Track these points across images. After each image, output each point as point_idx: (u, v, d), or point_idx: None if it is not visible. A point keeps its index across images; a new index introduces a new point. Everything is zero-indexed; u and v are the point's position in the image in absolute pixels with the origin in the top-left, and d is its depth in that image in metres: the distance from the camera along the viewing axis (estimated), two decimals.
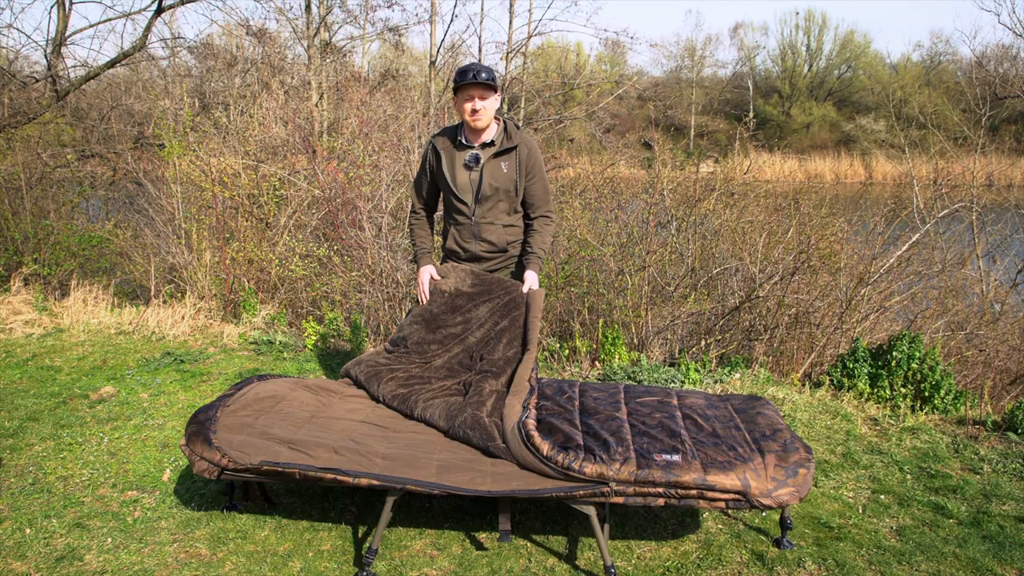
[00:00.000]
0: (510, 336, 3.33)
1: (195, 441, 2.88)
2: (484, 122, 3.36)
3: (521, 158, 3.41)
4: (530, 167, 3.43)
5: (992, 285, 7.33)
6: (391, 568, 2.79)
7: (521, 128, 3.49)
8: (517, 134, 3.43)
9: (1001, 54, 23.73)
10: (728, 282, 6.24)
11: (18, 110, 8.86)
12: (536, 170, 3.45)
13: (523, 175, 3.43)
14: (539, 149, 3.51)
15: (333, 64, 14.61)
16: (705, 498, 2.61)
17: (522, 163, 3.41)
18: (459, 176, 3.45)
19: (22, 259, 7.03)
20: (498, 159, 3.41)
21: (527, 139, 3.46)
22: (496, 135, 3.42)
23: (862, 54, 34.58)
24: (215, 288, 6.58)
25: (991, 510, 3.29)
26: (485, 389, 3.11)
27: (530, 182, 3.45)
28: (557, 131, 14.50)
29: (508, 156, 3.41)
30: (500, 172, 3.40)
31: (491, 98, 3.34)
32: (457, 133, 3.48)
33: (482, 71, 3.30)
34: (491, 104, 3.35)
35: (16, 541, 2.93)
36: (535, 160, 3.44)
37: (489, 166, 3.40)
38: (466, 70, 3.30)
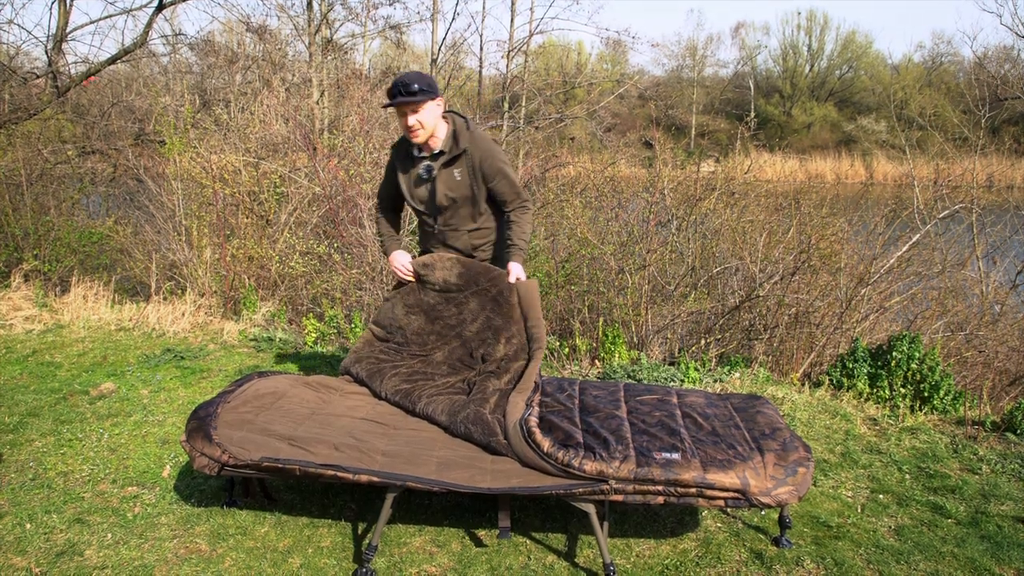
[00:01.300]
0: (507, 334, 3.30)
1: (195, 437, 2.89)
2: (424, 136, 3.18)
3: (473, 163, 3.22)
4: (486, 169, 3.23)
5: (992, 286, 7.33)
6: (391, 564, 2.80)
7: (473, 127, 3.25)
8: (466, 136, 3.21)
9: (1002, 55, 23.72)
10: (728, 281, 6.25)
11: (19, 106, 8.85)
12: (493, 170, 3.24)
13: (479, 179, 3.25)
14: (493, 143, 3.30)
15: (334, 61, 14.60)
16: (704, 496, 2.62)
17: (475, 168, 3.23)
18: (415, 189, 3.33)
19: (22, 255, 7.03)
20: (450, 168, 3.24)
21: (478, 139, 3.24)
22: (445, 142, 3.23)
23: (863, 54, 34.56)
24: (215, 285, 6.59)
25: (989, 510, 3.30)
26: (488, 388, 3.12)
27: (492, 183, 3.27)
28: (558, 130, 14.50)
29: (459, 163, 3.23)
30: (454, 181, 3.24)
31: (426, 108, 3.12)
32: (410, 143, 3.29)
33: (411, 82, 3.06)
34: (428, 114, 3.14)
35: (16, 536, 2.93)
36: (489, 160, 3.23)
37: (442, 176, 3.25)
38: (393, 86, 3.09)
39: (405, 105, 3.09)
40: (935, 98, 24.19)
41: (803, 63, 34.91)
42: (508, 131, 13.64)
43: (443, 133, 3.24)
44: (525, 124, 14.19)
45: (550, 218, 7.07)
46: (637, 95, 26.76)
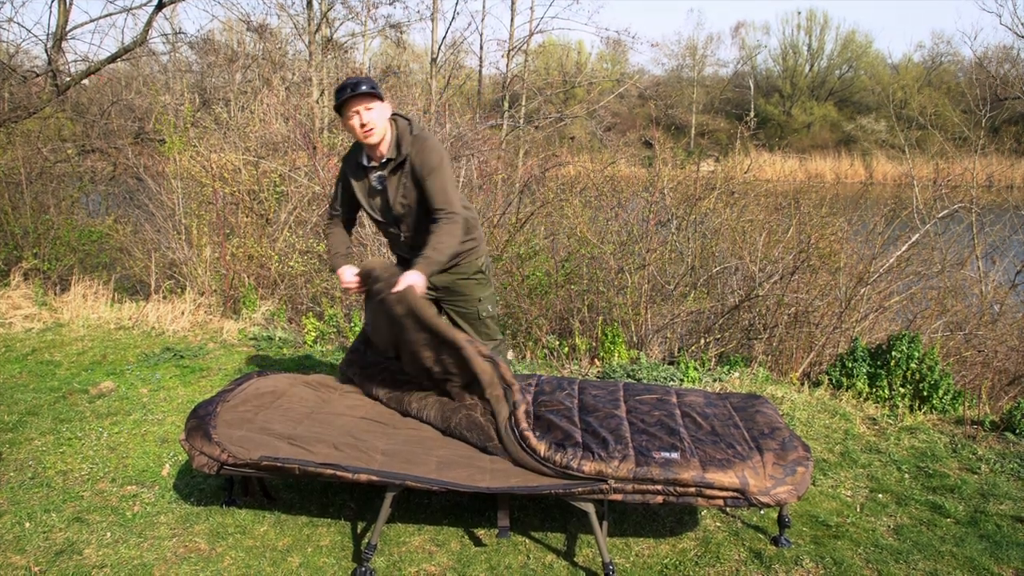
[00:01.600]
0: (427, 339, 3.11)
1: (195, 436, 2.89)
2: (378, 135, 3.08)
3: (414, 165, 3.12)
4: (420, 167, 3.10)
5: (991, 286, 7.33)
6: (390, 564, 2.80)
7: (417, 129, 3.15)
8: (408, 140, 3.12)
9: (1002, 55, 23.69)
10: (728, 281, 6.25)
11: (18, 105, 8.85)
12: (426, 168, 3.10)
13: (417, 177, 3.13)
14: (434, 144, 3.15)
15: (334, 60, 14.59)
16: (704, 496, 2.62)
17: (415, 168, 3.12)
18: (371, 201, 3.27)
19: (22, 254, 7.03)
20: (397, 174, 3.15)
21: (419, 140, 3.13)
22: (390, 149, 3.15)
23: (863, 54, 34.55)
24: (215, 284, 6.59)
25: (988, 510, 3.30)
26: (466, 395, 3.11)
27: (422, 181, 3.12)
28: (558, 129, 14.51)
29: (404, 168, 3.15)
30: (404, 187, 3.16)
31: (376, 107, 3.04)
32: (359, 155, 3.22)
33: (361, 83, 3.00)
34: (379, 114, 3.06)
35: (15, 535, 2.93)
36: (424, 158, 3.10)
37: (392, 184, 3.17)
38: (343, 86, 3.03)
39: (357, 102, 3.01)
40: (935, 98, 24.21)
41: (803, 63, 34.89)
42: (508, 130, 13.64)
43: (388, 138, 3.16)
44: (525, 123, 14.19)
45: (550, 217, 7.07)
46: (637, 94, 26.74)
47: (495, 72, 16.50)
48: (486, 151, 8.23)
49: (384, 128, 3.12)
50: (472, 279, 3.41)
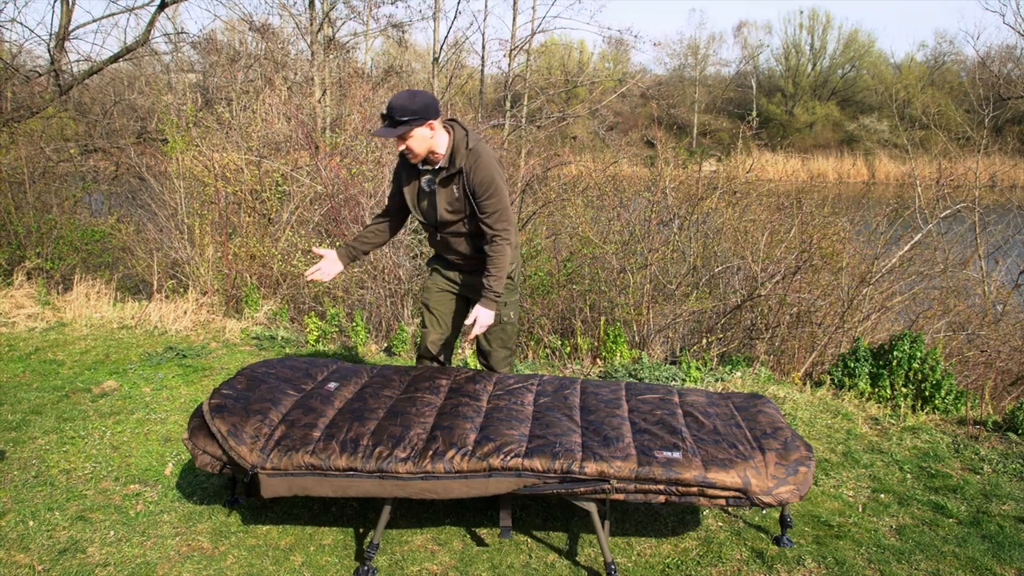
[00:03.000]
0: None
1: (198, 435, 2.89)
2: (419, 157, 3.15)
3: (468, 180, 3.17)
4: (474, 185, 3.16)
5: (994, 286, 7.33)
6: (392, 563, 2.81)
7: (473, 142, 3.18)
8: (463, 155, 3.15)
9: (1005, 55, 23.67)
10: (730, 281, 6.25)
11: (21, 104, 8.87)
12: (481, 186, 3.15)
13: (470, 191, 3.20)
14: (491, 160, 3.20)
15: (336, 60, 14.60)
16: (706, 495, 2.62)
17: (467, 185, 3.18)
18: (418, 200, 3.32)
19: (25, 253, 7.04)
20: (449, 185, 3.22)
21: (475, 155, 3.16)
22: (444, 159, 3.19)
23: (866, 53, 34.50)
24: (217, 283, 6.60)
25: (991, 510, 3.30)
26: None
27: (476, 199, 3.19)
28: (560, 129, 14.50)
29: (456, 180, 3.20)
30: (452, 196, 3.22)
31: (414, 135, 3.07)
32: None
33: (395, 111, 3.01)
34: (418, 141, 3.09)
35: (19, 533, 2.94)
36: (480, 177, 3.15)
37: (442, 193, 3.23)
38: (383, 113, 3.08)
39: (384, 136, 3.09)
40: (938, 97, 24.17)
41: (805, 62, 34.85)
42: (510, 130, 13.64)
43: (444, 147, 3.18)
44: (527, 123, 14.19)
45: (552, 217, 7.08)
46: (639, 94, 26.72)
47: (497, 71, 16.52)
48: None
49: (426, 149, 3.14)
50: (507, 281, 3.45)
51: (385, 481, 2.67)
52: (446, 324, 3.57)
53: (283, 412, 3.00)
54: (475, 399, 3.13)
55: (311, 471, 2.69)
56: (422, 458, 2.69)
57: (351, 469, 2.68)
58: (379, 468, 2.68)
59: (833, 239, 6.35)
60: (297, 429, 2.85)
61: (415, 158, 3.16)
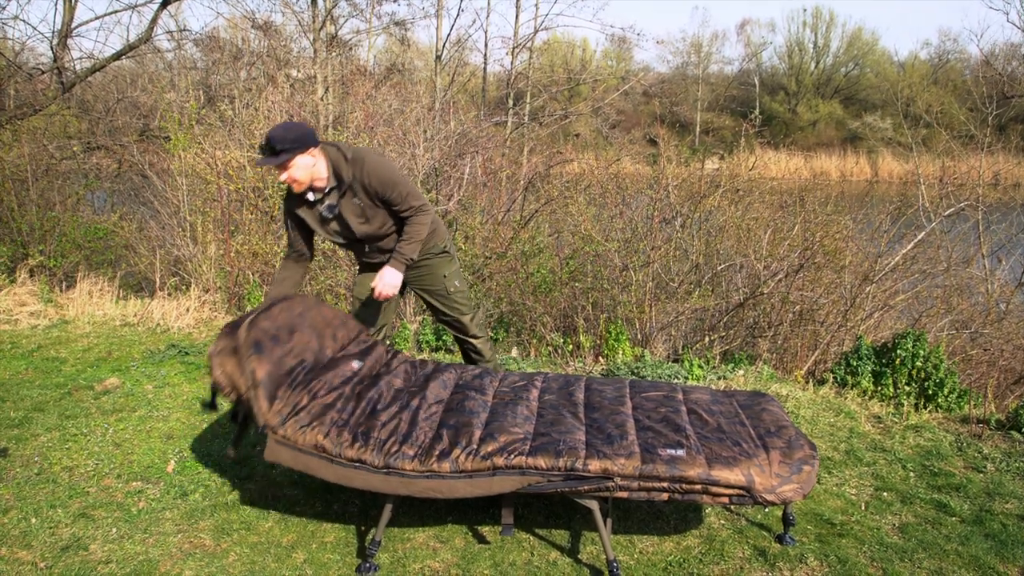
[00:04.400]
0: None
1: (226, 357, 2.82)
2: (303, 184, 3.21)
3: (364, 186, 3.25)
4: (375, 188, 3.25)
5: (997, 284, 7.31)
6: (394, 560, 2.81)
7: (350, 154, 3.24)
8: (346, 167, 3.23)
9: (1009, 53, 23.63)
10: (732, 279, 6.24)
11: (24, 102, 8.88)
12: (382, 185, 3.25)
13: (373, 195, 3.28)
14: (377, 157, 3.31)
15: (339, 58, 14.60)
16: (709, 493, 2.61)
17: (367, 189, 3.26)
18: (328, 228, 3.37)
19: (28, 250, 7.05)
20: (346, 198, 3.29)
21: (358, 164, 3.24)
22: (329, 179, 3.26)
23: (869, 52, 34.43)
24: (220, 281, 6.60)
25: (994, 508, 3.29)
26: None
27: (384, 197, 3.28)
28: (563, 127, 14.49)
29: (351, 191, 3.28)
30: (358, 208, 3.30)
31: (295, 164, 3.13)
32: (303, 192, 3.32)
33: (275, 141, 3.06)
34: (300, 169, 3.16)
35: (22, 530, 2.94)
36: (375, 179, 3.24)
37: (344, 207, 3.30)
38: (261, 145, 3.13)
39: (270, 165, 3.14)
40: (941, 96, 24.08)
41: (808, 60, 34.78)
42: (512, 128, 13.64)
43: (324, 171, 3.25)
44: (530, 121, 14.18)
45: (554, 215, 7.08)
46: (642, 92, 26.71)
47: (500, 69, 16.50)
48: (490, 148, 8.23)
49: (309, 176, 3.21)
50: (437, 257, 3.61)
51: (391, 477, 2.66)
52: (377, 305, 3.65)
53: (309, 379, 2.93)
54: (481, 395, 3.12)
55: (320, 454, 2.69)
56: (428, 456, 2.69)
57: (359, 461, 2.68)
58: (387, 464, 2.68)
59: (836, 237, 6.34)
60: (316, 403, 2.83)
61: (299, 186, 3.22)
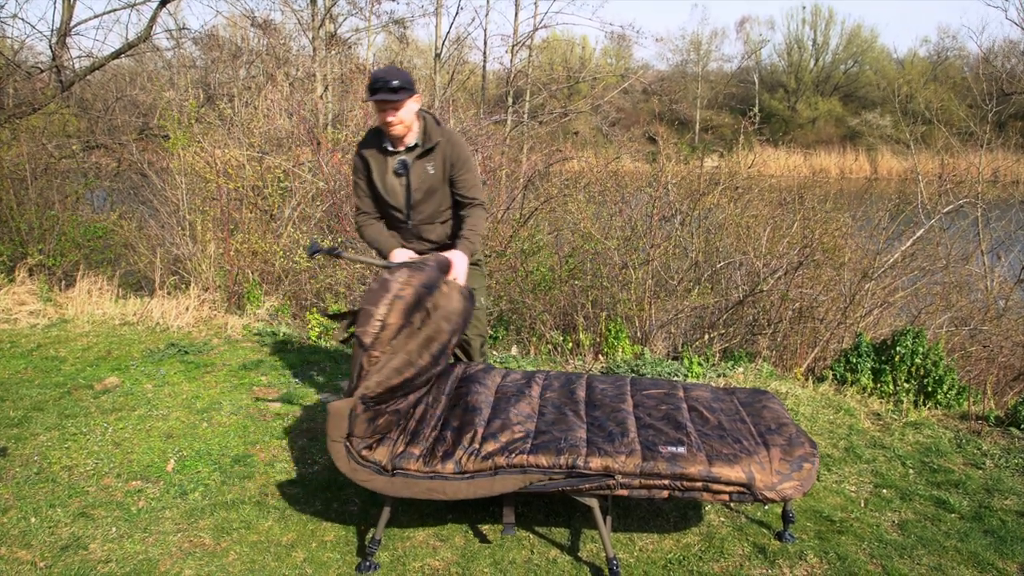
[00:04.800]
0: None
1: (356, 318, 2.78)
2: (401, 130, 3.23)
3: (445, 155, 3.30)
4: (453, 160, 3.31)
5: (996, 281, 7.31)
6: (394, 559, 2.81)
7: (442, 123, 3.35)
8: (437, 131, 3.30)
9: (1008, 50, 23.62)
10: (732, 276, 6.24)
11: (23, 101, 8.86)
12: (460, 161, 3.32)
13: (446, 171, 3.32)
14: (462, 140, 3.40)
15: (338, 56, 14.58)
16: (710, 491, 2.61)
17: (445, 159, 3.30)
18: (389, 184, 3.35)
19: (27, 250, 7.04)
20: (423, 160, 3.30)
21: (448, 133, 3.34)
22: (418, 136, 3.30)
23: (868, 49, 34.39)
24: (219, 279, 6.60)
25: (993, 505, 3.29)
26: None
27: (458, 174, 3.33)
28: (562, 124, 14.47)
29: (432, 156, 3.30)
30: (427, 173, 3.31)
31: (406, 105, 3.17)
32: (382, 139, 3.34)
33: (392, 78, 3.11)
34: (407, 111, 3.20)
35: (21, 530, 2.94)
36: (457, 152, 3.32)
37: (415, 169, 3.30)
38: (374, 81, 3.13)
39: (387, 102, 3.13)
40: (940, 93, 24.08)
41: (808, 58, 34.74)
42: (512, 126, 13.62)
43: (416, 128, 3.30)
44: (529, 119, 14.16)
45: (554, 213, 7.07)
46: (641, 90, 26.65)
47: (499, 67, 16.48)
48: (490, 147, 8.22)
49: (411, 122, 3.25)
50: (473, 267, 3.49)
51: (395, 479, 2.66)
52: None
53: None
54: (483, 392, 3.12)
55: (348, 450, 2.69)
56: (432, 457, 2.69)
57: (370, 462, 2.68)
58: (393, 466, 2.68)
59: (835, 234, 6.34)
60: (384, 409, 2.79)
61: (403, 130, 3.22)
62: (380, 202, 3.41)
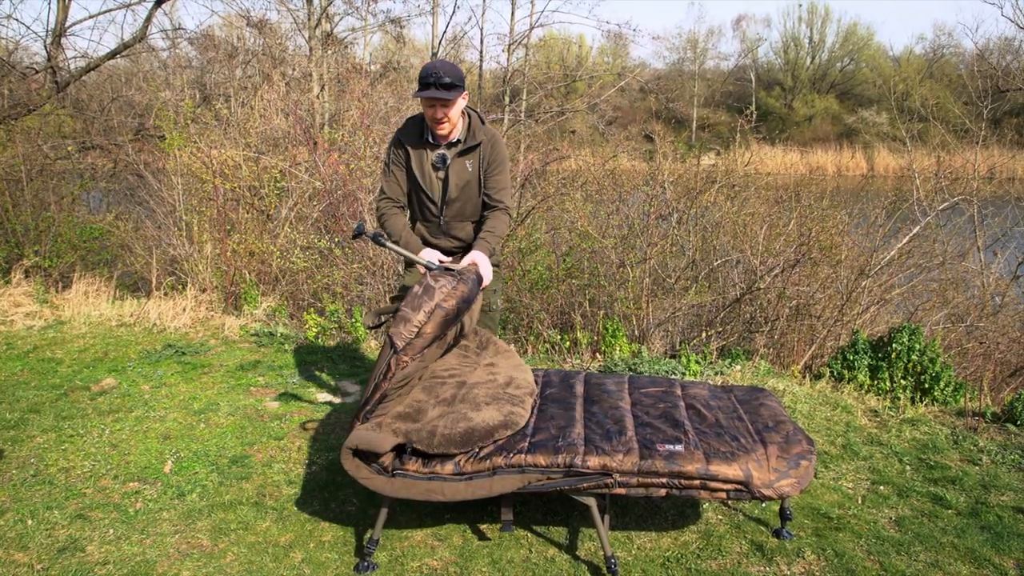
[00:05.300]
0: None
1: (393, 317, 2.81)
2: (448, 128, 3.18)
3: (484, 154, 3.26)
4: (491, 160, 3.28)
5: (992, 278, 7.32)
6: (392, 558, 2.81)
7: (486, 121, 3.31)
8: (481, 130, 3.26)
9: (1003, 47, 23.61)
10: (729, 274, 6.25)
11: (18, 101, 8.84)
12: (497, 162, 3.29)
13: (486, 168, 3.28)
14: (503, 143, 3.36)
15: (334, 56, 14.56)
16: (707, 488, 2.61)
17: (484, 158, 3.26)
18: (427, 176, 3.28)
19: (23, 251, 7.03)
20: (463, 158, 3.25)
21: (491, 133, 3.30)
22: (461, 132, 3.25)
23: (865, 46, 34.42)
24: (216, 280, 6.59)
25: (989, 501, 3.30)
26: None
27: (490, 173, 3.29)
28: (559, 123, 14.47)
29: (472, 154, 3.26)
30: (465, 171, 3.26)
31: (456, 103, 3.11)
32: (423, 130, 3.27)
33: (445, 74, 3.02)
34: (456, 109, 3.14)
35: (18, 532, 2.94)
36: (496, 152, 3.28)
37: (455, 166, 3.25)
38: (427, 76, 3.04)
39: (437, 99, 3.07)
40: (936, 90, 24.11)
41: (804, 55, 34.77)
42: (509, 125, 13.62)
43: (459, 123, 3.24)
44: (526, 117, 14.16)
45: (551, 211, 7.06)
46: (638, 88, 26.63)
47: (496, 66, 16.47)
48: None
49: (457, 119, 3.20)
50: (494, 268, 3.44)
51: (394, 479, 2.66)
52: None
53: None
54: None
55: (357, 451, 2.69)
56: (431, 457, 2.69)
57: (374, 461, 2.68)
58: (394, 467, 2.68)
59: (832, 232, 6.34)
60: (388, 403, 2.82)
61: (443, 128, 3.17)
62: (416, 192, 3.34)
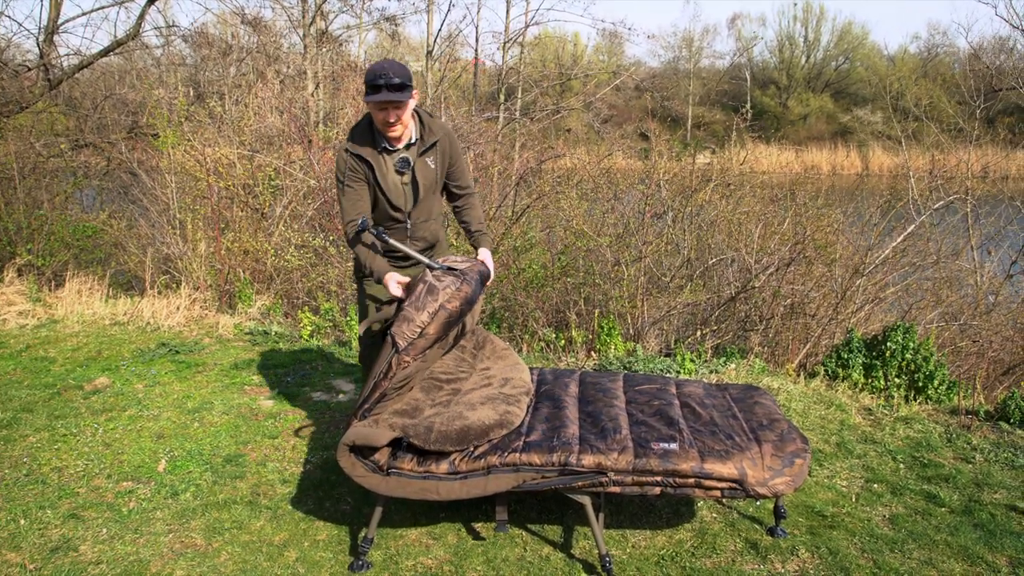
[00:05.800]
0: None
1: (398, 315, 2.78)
2: (401, 130, 3.03)
3: (443, 150, 3.16)
4: (452, 153, 3.20)
5: (986, 276, 7.35)
6: (387, 557, 2.80)
7: (433, 114, 3.24)
8: (438, 126, 3.16)
9: (997, 46, 23.70)
10: (724, 273, 6.25)
11: (10, 99, 8.79)
12: (456, 153, 3.23)
13: (445, 165, 3.19)
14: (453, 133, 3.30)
15: (329, 53, 14.54)
16: (702, 487, 2.62)
17: (444, 154, 3.16)
18: (390, 183, 3.10)
19: (15, 250, 6.99)
20: (424, 157, 3.13)
21: (444, 126, 3.20)
22: (415, 132, 3.11)
23: (859, 46, 34.49)
24: (210, 278, 6.57)
25: (983, 499, 3.31)
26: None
27: (455, 166, 3.22)
28: (554, 121, 14.47)
29: (432, 151, 3.14)
30: (429, 169, 3.14)
31: (407, 104, 2.96)
32: (373, 137, 3.08)
33: (394, 75, 2.86)
34: (408, 110, 2.99)
35: (10, 532, 2.92)
36: (454, 144, 3.22)
37: (419, 166, 3.11)
38: (376, 78, 2.87)
39: (390, 102, 2.90)
40: (931, 89, 24.16)
41: (799, 54, 34.82)
42: (504, 123, 13.61)
43: (412, 124, 3.11)
44: (521, 116, 14.16)
45: (546, 210, 7.06)
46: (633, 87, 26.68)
47: (491, 64, 16.46)
48: (482, 144, 8.21)
49: (408, 121, 3.06)
50: None
51: (389, 478, 2.66)
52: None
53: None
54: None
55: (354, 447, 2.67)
56: (426, 457, 2.68)
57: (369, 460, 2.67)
58: (389, 465, 2.67)
59: (827, 231, 6.36)
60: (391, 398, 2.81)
61: (396, 131, 3.02)
62: (378, 205, 3.18)
